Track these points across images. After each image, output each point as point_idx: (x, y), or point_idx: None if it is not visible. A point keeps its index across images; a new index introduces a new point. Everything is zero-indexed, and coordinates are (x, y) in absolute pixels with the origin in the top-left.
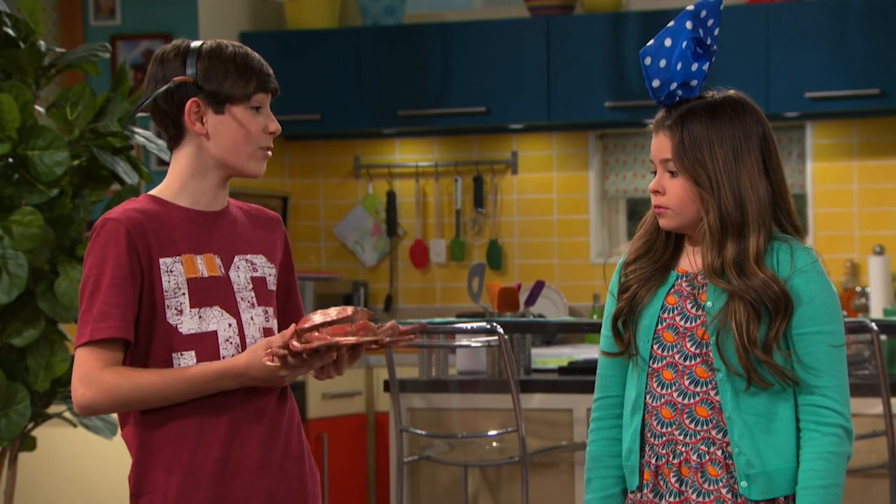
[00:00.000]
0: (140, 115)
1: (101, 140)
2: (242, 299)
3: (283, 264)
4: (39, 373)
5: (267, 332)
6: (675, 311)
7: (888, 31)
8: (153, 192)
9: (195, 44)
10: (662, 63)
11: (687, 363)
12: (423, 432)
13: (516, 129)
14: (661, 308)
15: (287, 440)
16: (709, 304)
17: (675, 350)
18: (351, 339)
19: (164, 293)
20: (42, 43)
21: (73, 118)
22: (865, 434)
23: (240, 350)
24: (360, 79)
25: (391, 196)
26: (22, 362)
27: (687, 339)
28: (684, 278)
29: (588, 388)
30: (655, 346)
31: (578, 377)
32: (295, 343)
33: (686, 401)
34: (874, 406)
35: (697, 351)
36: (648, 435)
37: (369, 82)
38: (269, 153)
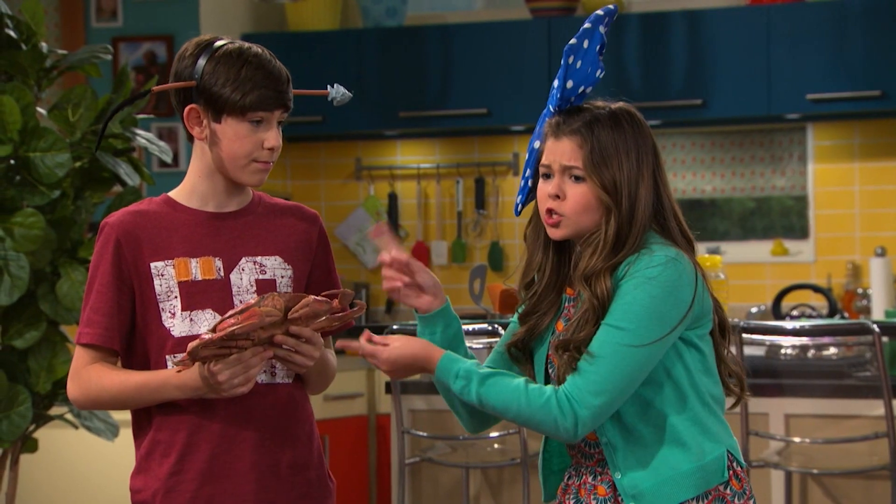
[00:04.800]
0: (142, 116)
1: (103, 142)
2: (241, 302)
3: (318, 265)
4: (41, 374)
5: None
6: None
7: (889, 33)
8: (172, 191)
9: (216, 43)
10: (579, 65)
11: None
12: (425, 434)
13: (518, 130)
14: (552, 333)
15: (291, 446)
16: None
17: None
18: (206, 336)
19: (158, 296)
20: (44, 45)
21: (75, 120)
22: (867, 436)
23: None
24: (361, 80)
25: (393, 197)
26: (23, 364)
27: None
28: (572, 302)
29: None
30: (551, 371)
31: None
32: (194, 342)
33: None
34: (876, 408)
35: None
36: (568, 454)
37: (371, 84)
38: (269, 165)
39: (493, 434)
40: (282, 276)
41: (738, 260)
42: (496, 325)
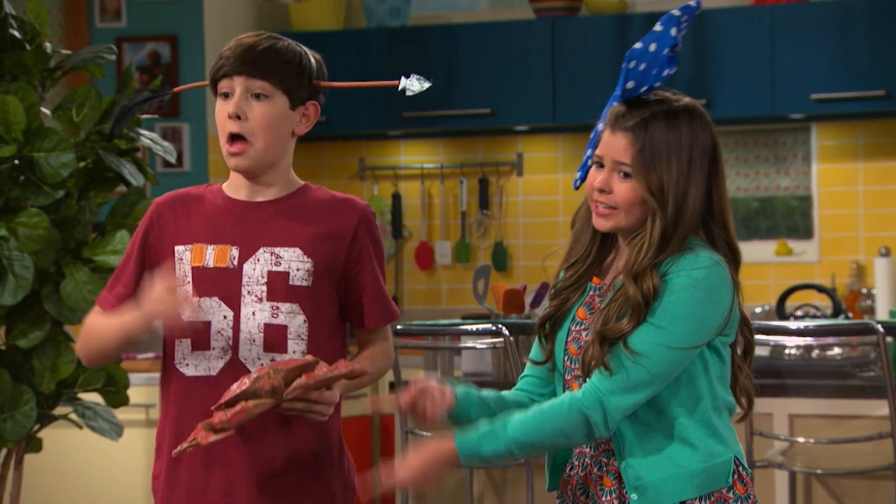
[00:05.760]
0: (146, 116)
1: (107, 142)
2: (249, 293)
3: (353, 260)
4: (45, 374)
5: (271, 329)
6: (582, 326)
7: (893, 33)
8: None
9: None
10: (642, 67)
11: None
12: (429, 434)
13: (521, 130)
14: (572, 320)
15: (293, 442)
16: None
17: (579, 364)
18: (202, 438)
19: (176, 280)
20: (48, 45)
21: (79, 120)
22: (871, 436)
23: (230, 344)
24: (365, 80)
25: (396, 197)
26: (28, 364)
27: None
28: (597, 291)
29: None
30: (566, 359)
31: None
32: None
33: None
34: (880, 408)
35: None
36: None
37: None
38: (239, 146)
39: None
40: (297, 269)
41: (742, 260)
42: (500, 326)
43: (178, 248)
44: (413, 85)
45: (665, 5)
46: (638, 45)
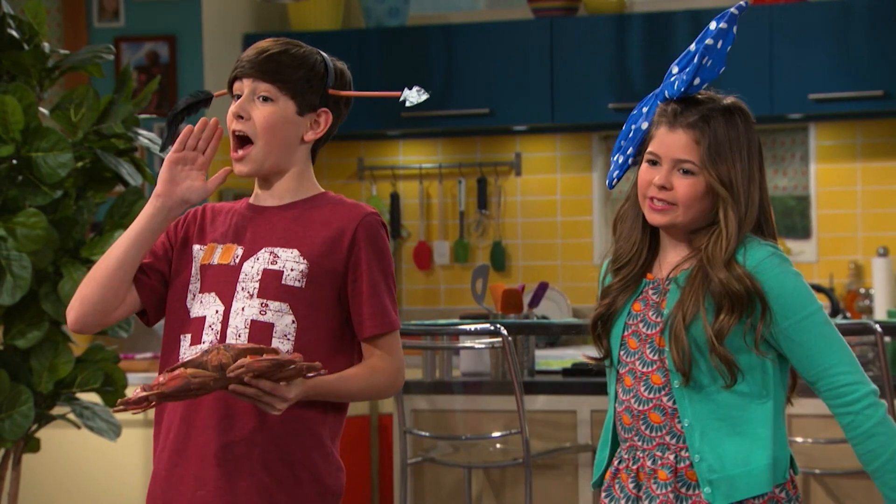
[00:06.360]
0: (143, 116)
1: (105, 142)
2: (243, 289)
3: (352, 266)
4: (43, 374)
5: (257, 326)
6: (639, 318)
7: (892, 33)
8: None
9: None
10: (710, 63)
11: (645, 370)
12: (427, 434)
13: (520, 130)
14: (628, 314)
15: (264, 437)
16: (667, 311)
17: (637, 357)
18: (136, 394)
19: (191, 277)
20: (46, 45)
21: (77, 120)
22: None
23: (218, 337)
24: (363, 80)
25: (395, 197)
26: (26, 364)
27: (647, 346)
28: (651, 285)
29: (591, 389)
30: (622, 353)
31: (582, 379)
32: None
33: (641, 407)
34: None
35: (655, 357)
36: (619, 438)
37: (373, 84)
38: (242, 151)
39: (496, 434)
40: (291, 269)
41: None
42: (498, 325)
43: (195, 248)
44: (412, 97)
45: (664, 5)
46: (710, 42)
